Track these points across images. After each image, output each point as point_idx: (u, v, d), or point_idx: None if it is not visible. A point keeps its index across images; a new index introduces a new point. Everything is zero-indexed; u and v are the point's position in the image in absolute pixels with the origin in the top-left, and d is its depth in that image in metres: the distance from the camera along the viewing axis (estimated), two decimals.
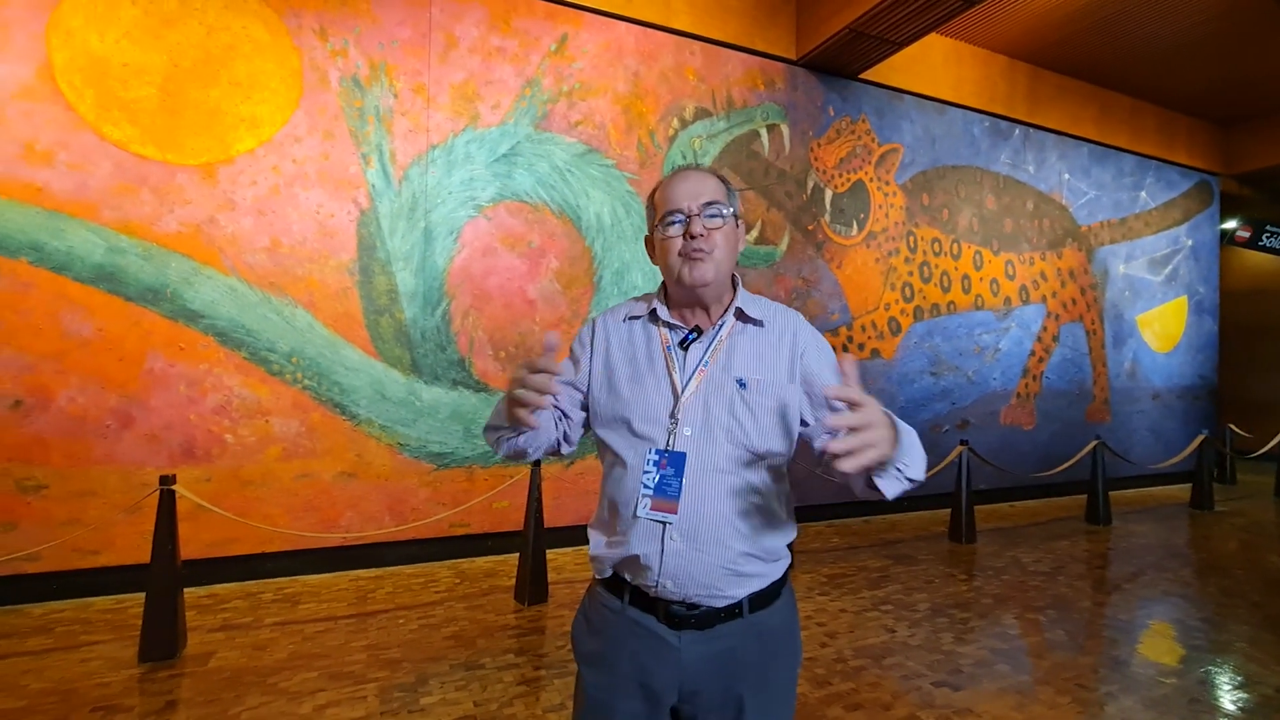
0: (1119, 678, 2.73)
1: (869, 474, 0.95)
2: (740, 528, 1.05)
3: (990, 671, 2.75)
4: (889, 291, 5.61)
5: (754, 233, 5.04)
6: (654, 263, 1.17)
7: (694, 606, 1.05)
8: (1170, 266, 7.48)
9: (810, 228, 5.26)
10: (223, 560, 3.55)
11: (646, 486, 1.06)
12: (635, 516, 1.06)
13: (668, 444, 1.07)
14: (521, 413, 0.96)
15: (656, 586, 1.05)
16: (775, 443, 1.08)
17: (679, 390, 1.09)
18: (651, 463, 1.05)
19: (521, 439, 1.11)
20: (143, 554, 3.35)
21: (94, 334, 3.34)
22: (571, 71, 4.42)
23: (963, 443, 4.91)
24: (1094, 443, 5.50)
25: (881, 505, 5.51)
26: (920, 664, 2.80)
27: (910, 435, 0.97)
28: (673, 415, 1.08)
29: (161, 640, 2.70)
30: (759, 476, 1.08)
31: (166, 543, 2.75)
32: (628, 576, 1.09)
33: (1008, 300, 6.27)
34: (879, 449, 0.86)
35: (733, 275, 1.17)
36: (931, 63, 5.76)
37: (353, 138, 3.87)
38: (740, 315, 1.14)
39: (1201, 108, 7.33)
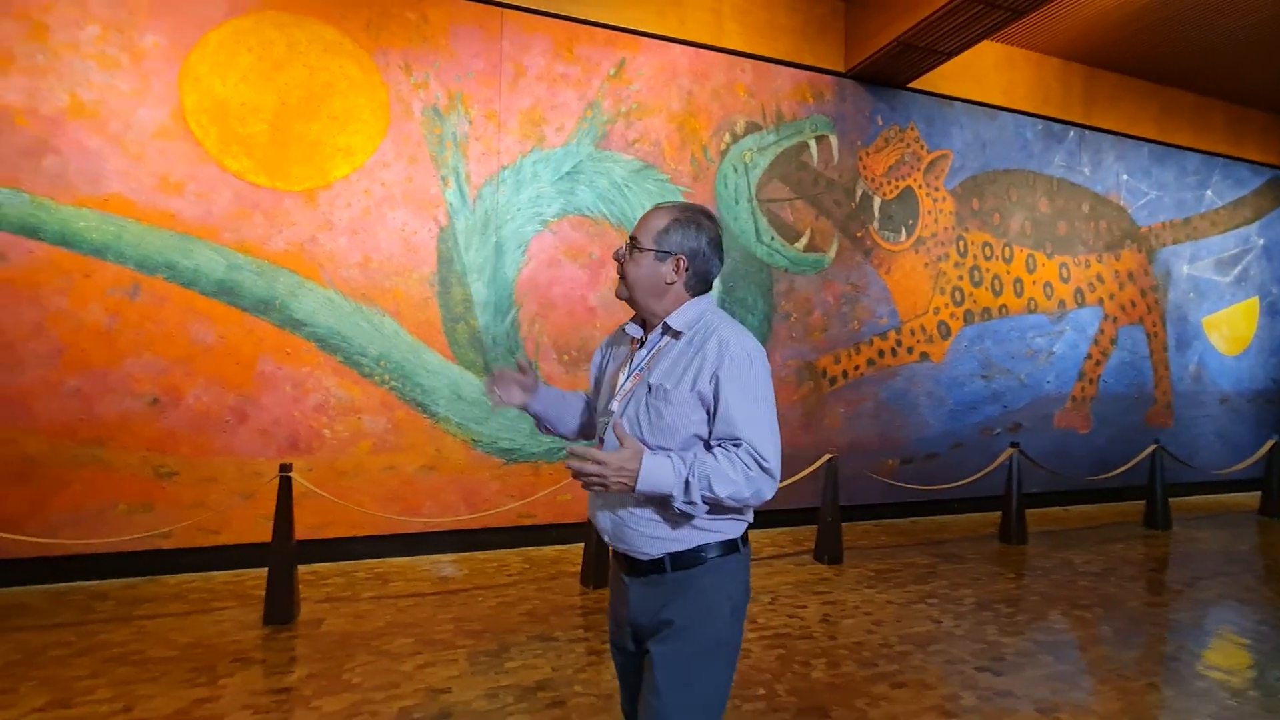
0: (1163, 670, 2.82)
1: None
2: (640, 502, 1.28)
3: (1033, 660, 2.88)
4: (938, 296, 5.69)
5: (802, 240, 5.23)
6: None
7: (631, 558, 1.33)
8: (1240, 267, 7.25)
9: (859, 234, 5.41)
10: (321, 542, 3.97)
11: None
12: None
13: (599, 431, 1.39)
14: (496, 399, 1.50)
15: (605, 538, 1.36)
16: (666, 440, 1.27)
17: (616, 390, 1.38)
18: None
19: (558, 430, 1.60)
20: (256, 534, 3.81)
21: (216, 341, 3.82)
22: (629, 93, 4.71)
23: (1013, 445, 4.97)
24: (1152, 446, 5.44)
25: (930, 506, 5.59)
26: (964, 651, 2.95)
27: (658, 480, 1.20)
28: (608, 409, 1.38)
29: (281, 607, 3.11)
30: None
31: (285, 522, 3.16)
32: (597, 530, 1.41)
33: (1062, 303, 6.24)
34: (604, 488, 1.22)
35: (697, 294, 1.37)
36: (982, 69, 5.82)
37: (433, 162, 4.26)
38: (667, 329, 1.35)
39: (1275, 102, 7.08)
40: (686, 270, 1.35)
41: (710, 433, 1.28)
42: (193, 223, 3.79)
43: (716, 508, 1.27)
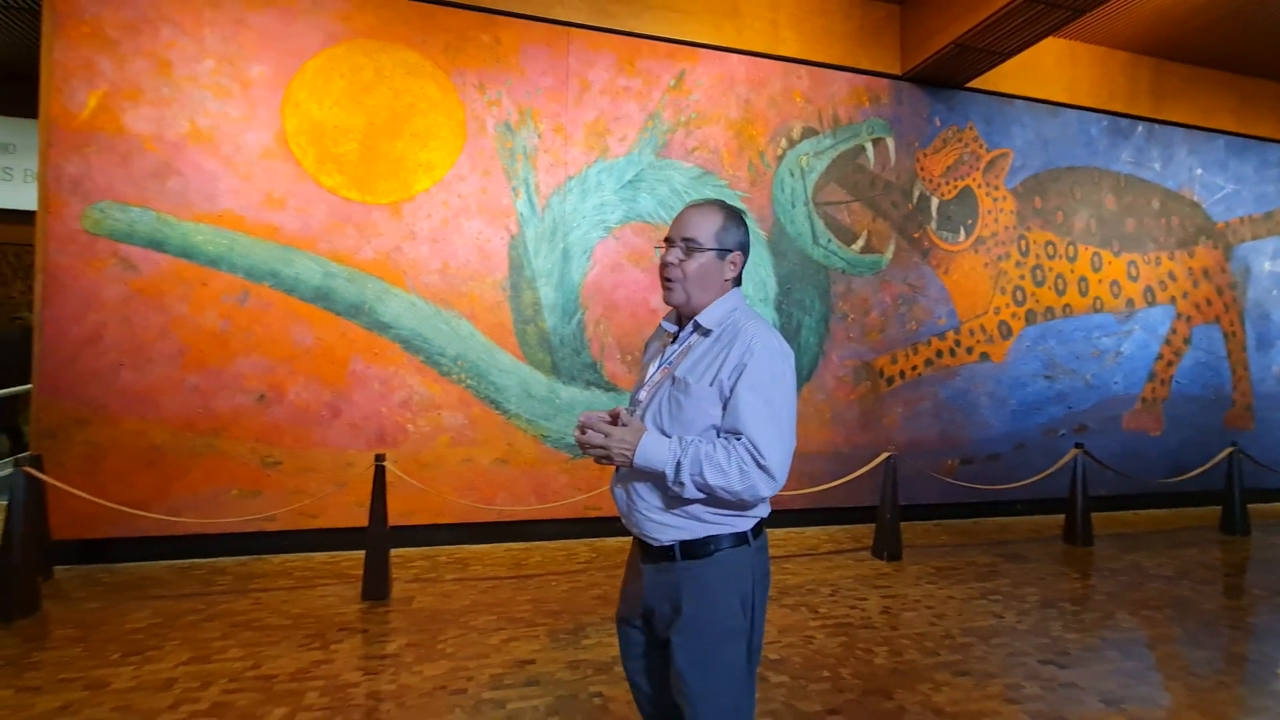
0: (1236, 670, 2.81)
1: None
2: (655, 489, 1.34)
3: (1098, 656, 2.91)
4: (999, 295, 5.65)
5: (859, 242, 5.29)
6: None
7: (644, 544, 1.39)
8: None
9: (916, 235, 5.43)
10: (406, 528, 4.28)
11: None
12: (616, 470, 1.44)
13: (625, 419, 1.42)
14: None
15: (623, 519, 1.42)
16: (684, 431, 1.32)
17: (645, 380, 1.45)
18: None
19: None
20: (348, 519, 4.15)
21: (314, 342, 4.19)
22: (688, 103, 4.89)
23: (1077, 445, 4.91)
24: (1229, 449, 5.26)
25: (992, 507, 5.55)
26: (1027, 645, 3.00)
27: (653, 456, 1.27)
28: (636, 399, 1.45)
29: (377, 584, 3.41)
30: None
31: (380, 507, 3.47)
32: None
33: (1130, 302, 6.09)
34: (606, 458, 1.30)
35: (731, 289, 1.42)
36: (1043, 66, 5.75)
37: (505, 174, 4.54)
38: (697, 326, 1.40)
39: None
40: (741, 265, 1.42)
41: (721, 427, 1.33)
42: (293, 235, 4.16)
43: (713, 498, 1.29)
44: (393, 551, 4.11)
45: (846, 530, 5.03)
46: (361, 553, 3.96)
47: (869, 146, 5.31)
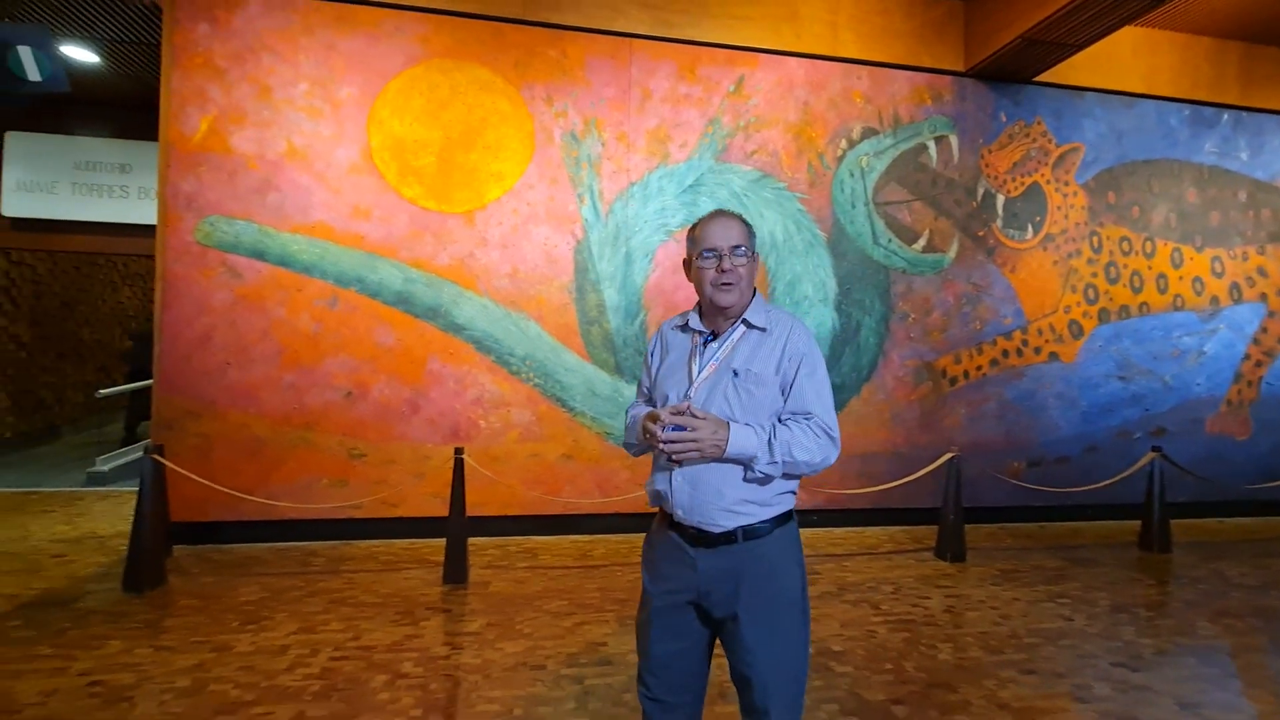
0: None
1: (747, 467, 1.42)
2: (725, 478, 1.43)
3: (1174, 661, 2.86)
4: (1069, 294, 5.50)
5: (921, 241, 5.25)
6: (690, 281, 1.57)
7: (701, 531, 1.45)
8: None
9: (980, 233, 5.35)
10: (478, 518, 4.52)
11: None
12: (659, 464, 1.52)
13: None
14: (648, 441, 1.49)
15: (677, 513, 1.47)
16: (753, 417, 1.44)
17: (693, 378, 1.51)
18: (670, 428, 1.40)
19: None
20: (426, 509, 4.43)
21: (395, 343, 4.49)
22: (748, 108, 4.98)
23: (1154, 449, 4.74)
24: None
25: (1061, 511, 5.40)
26: (1097, 648, 2.97)
27: (745, 444, 1.38)
28: (686, 394, 1.50)
29: (456, 569, 3.65)
30: None
31: (459, 496, 3.72)
32: (664, 506, 1.52)
33: (1215, 300, 5.80)
34: (699, 452, 1.38)
35: (753, 290, 1.56)
36: (1118, 56, 5.56)
37: (571, 182, 4.74)
38: (746, 323, 1.52)
39: None
40: None
41: (783, 408, 1.48)
42: (377, 243, 4.48)
43: (787, 475, 1.45)
44: (468, 540, 4.37)
45: (907, 531, 5.00)
46: (438, 540, 4.23)
47: (931, 145, 5.27)
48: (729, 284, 1.48)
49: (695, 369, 1.52)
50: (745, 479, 1.42)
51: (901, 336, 5.20)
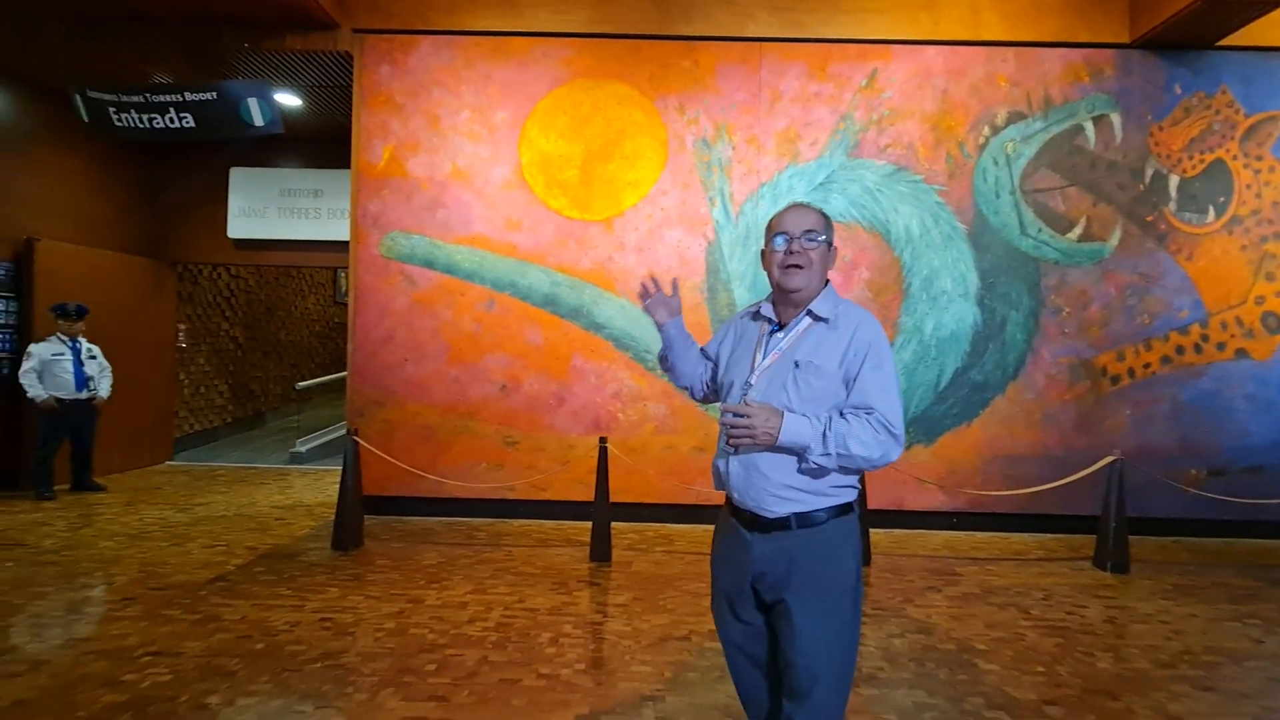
0: None
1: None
2: (778, 465, 1.44)
3: None
4: (1263, 282, 4.87)
5: (1076, 230, 4.90)
6: (764, 270, 1.60)
7: (755, 515, 1.48)
8: None
9: (1149, 219, 4.89)
10: (617, 504, 4.83)
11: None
12: (720, 447, 1.56)
13: (731, 398, 1.55)
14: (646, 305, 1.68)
15: (734, 495, 1.52)
16: (811, 408, 1.44)
17: (755, 366, 1.53)
18: (729, 415, 1.45)
19: (671, 359, 1.75)
20: (571, 493, 4.82)
21: (542, 341, 4.93)
22: (881, 101, 4.91)
23: None
24: None
25: (1252, 526, 4.80)
26: None
27: (798, 434, 1.38)
28: (747, 381, 1.53)
29: (602, 549, 3.98)
30: None
31: (603, 481, 4.04)
32: (724, 486, 1.55)
33: None
34: (752, 439, 1.39)
35: (826, 282, 1.56)
36: None
37: (702, 186, 4.94)
38: (811, 314, 1.52)
39: None
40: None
41: (845, 402, 1.46)
42: (528, 251, 4.94)
43: (844, 469, 1.44)
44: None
45: (1060, 539, 4.70)
46: (581, 523, 4.60)
47: (1089, 125, 4.89)
48: (797, 266, 1.49)
49: (759, 357, 1.54)
50: (799, 469, 1.44)
51: (1054, 332, 4.88)
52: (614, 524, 4.66)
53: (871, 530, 4.21)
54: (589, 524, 4.15)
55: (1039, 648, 2.87)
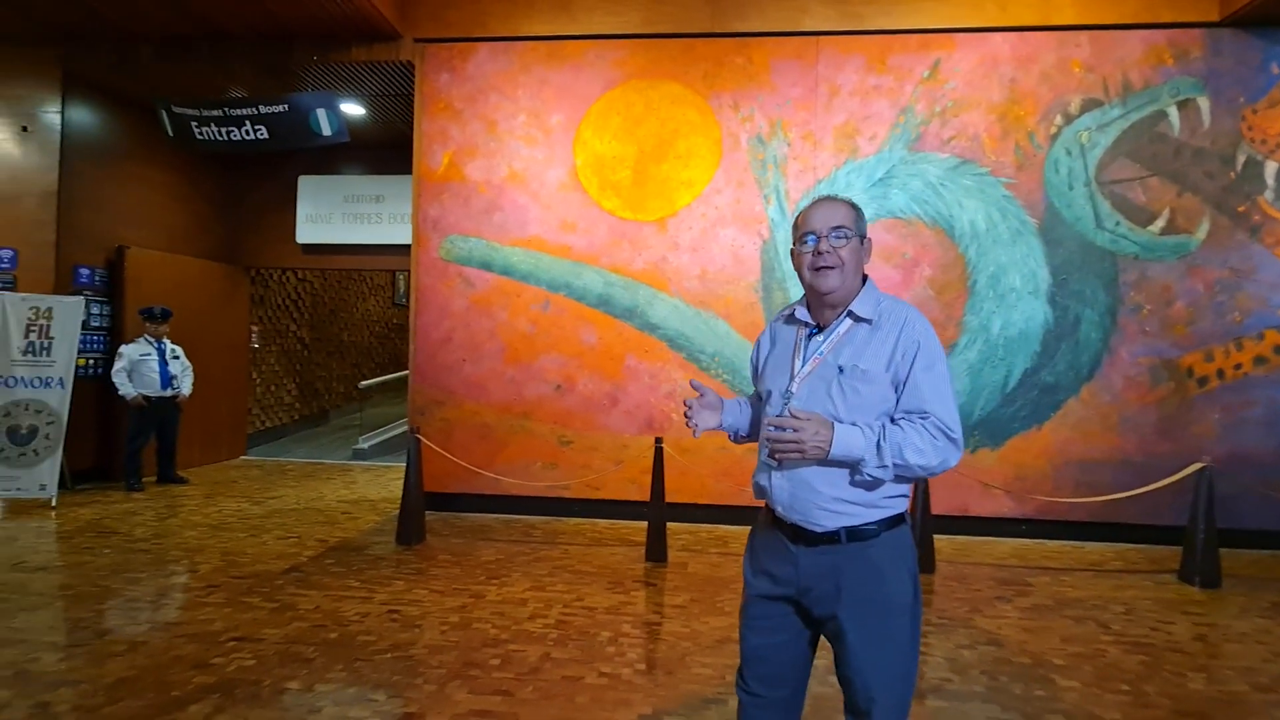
0: None
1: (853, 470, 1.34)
2: (827, 478, 1.35)
3: None
4: None
5: (1158, 222, 4.62)
6: (796, 272, 1.48)
7: (801, 528, 1.38)
8: None
9: (1241, 209, 4.56)
10: (671, 504, 4.84)
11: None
12: (761, 458, 1.47)
13: (781, 411, 1.41)
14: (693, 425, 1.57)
15: (777, 509, 1.42)
16: (859, 416, 1.35)
17: (795, 373, 1.43)
18: (774, 427, 1.35)
19: (747, 431, 1.68)
20: (624, 493, 4.84)
21: (596, 342, 4.97)
22: (944, 92, 4.75)
23: None
24: None
25: None
26: None
27: (851, 446, 1.30)
28: (787, 390, 1.43)
29: (657, 549, 3.98)
30: None
31: (659, 482, 4.04)
32: (766, 499, 1.47)
33: None
34: (800, 453, 1.31)
35: (864, 278, 1.45)
36: None
37: (757, 184, 4.89)
38: (852, 315, 1.42)
39: None
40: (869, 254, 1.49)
41: (896, 407, 1.37)
42: (582, 252, 4.98)
43: (900, 478, 1.35)
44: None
45: (1139, 550, 4.44)
46: (635, 522, 4.62)
47: (1172, 111, 4.61)
48: (828, 267, 1.39)
49: (798, 364, 1.44)
50: (852, 481, 1.35)
51: (1133, 331, 4.62)
52: (668, 524, 4.68)
53: (935, 536, 4.07)
54: (642, 524, 4.17)
55: (1122, 665, 2.72)
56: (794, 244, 1.47)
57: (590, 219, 4.99)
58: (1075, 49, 4.68)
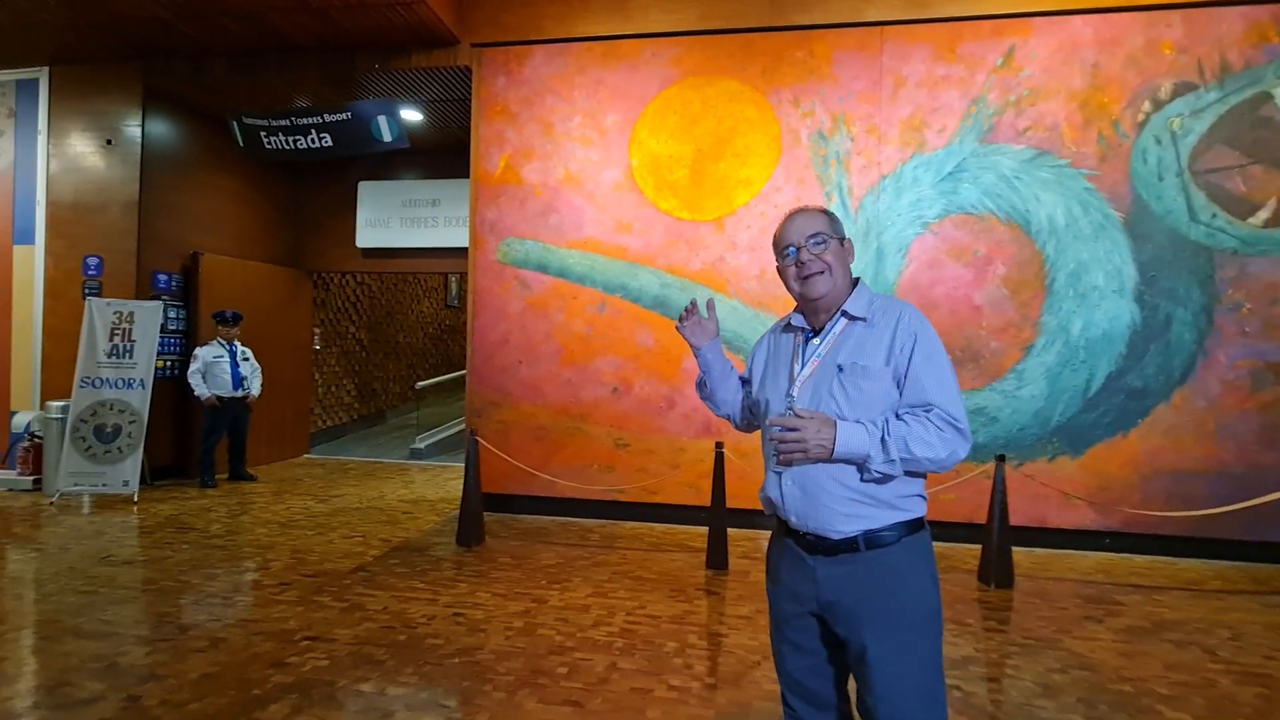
0: None
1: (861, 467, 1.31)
2: (839, 479, 1.32)
3: None
4: None
5: (1261, 214, 4.27)
6: (786, 288, 1.46)
7: (818, 537, 1.35)
8: None
9: None
10: (730, 510, 4.75)
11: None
12: (768, 470, 1.43)
13: (784, 413, 1.40)
14: (682, 328, 1.60)
15: (791, 520, 1.38)
16: (863, 414, 1.32)
17: (794, 377, 1.42)
18: (777, 428, 1.34)
19: (710, 385, 1.64)
20: (681, 497, 4.77)
21: (653, 343, 4.91)
22: (1019, 80, 4.50)
23: None
24: None
25: None
26: None
27: (854, 443, 1.28)
28: (788, 394, 1.41)
29: (718, 557, 3.89)
30: None
31: (719, 487, 3.96)
32: (777, 512, 1.42)
33: None
34: (804, 452, 1.30)
35: (856, 280, 1.45)
36: None
37: (818, 181, 4.74)
38: (846, 315, 1.41)
39: None
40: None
41: (900, 403, 1.35)
42: (638, 253, 4.93)
43: (911, 474, 1.33)
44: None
45: (1241, 568, 4.12)
46: (692, 528, 4.55)
47: (1278, 93, 4.25)
48: (815, 273, 1.40)
49: (797, 368, 1.44)
50: (863, 479, 1.32)
51: (1231, 332, 4.28)
52: (729, 530, 4.58)
53: (1012, 549, 3.85)
54: (700, 529, 4.09)
55: (1236, 698, 2.50)
56: (777, 261, 1.48)
57: (646, 219, 4.94)
58: (1166, 29, 4.37)
